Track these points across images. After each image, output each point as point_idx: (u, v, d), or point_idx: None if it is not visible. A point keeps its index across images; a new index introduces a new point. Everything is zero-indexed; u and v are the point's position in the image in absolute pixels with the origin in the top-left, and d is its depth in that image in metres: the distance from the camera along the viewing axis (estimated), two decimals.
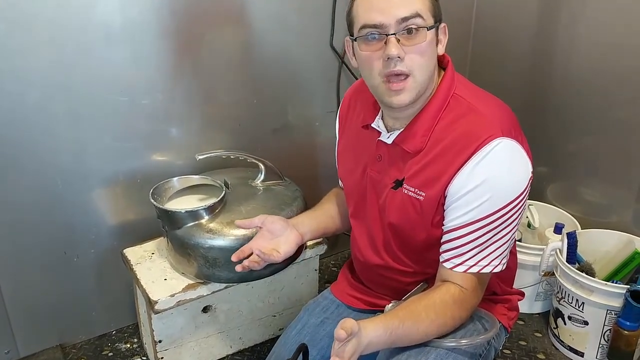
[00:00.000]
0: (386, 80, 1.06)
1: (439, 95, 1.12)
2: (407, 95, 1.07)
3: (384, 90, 1.08)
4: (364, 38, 1.06)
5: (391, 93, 1.07)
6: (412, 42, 1.04)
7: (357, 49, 1.10)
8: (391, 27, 1.03)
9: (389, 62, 1.04)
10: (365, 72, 1.11)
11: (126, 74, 1.58)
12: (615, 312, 1.61)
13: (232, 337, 1.72)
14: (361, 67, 1.12)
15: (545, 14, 1.95)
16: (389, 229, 1.22)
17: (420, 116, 1.13)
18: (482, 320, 1.22)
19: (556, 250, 1.75)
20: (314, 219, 1.40)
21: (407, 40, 1.04)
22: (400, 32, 1.03)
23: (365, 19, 1.05)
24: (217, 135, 1.77)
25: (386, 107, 1.15)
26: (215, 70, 1.73)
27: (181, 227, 1.49)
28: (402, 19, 1.03)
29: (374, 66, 1.07)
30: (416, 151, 1.13)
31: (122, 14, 1.52)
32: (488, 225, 1.08)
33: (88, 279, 1.73)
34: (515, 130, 1.10)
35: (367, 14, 1.05)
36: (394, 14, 1.03)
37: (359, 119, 1.27)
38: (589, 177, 1.96)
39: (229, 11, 1.69)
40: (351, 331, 0.96)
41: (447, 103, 1.11)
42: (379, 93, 1.11)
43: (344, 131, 1.35)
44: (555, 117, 2.00)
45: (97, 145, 1.61)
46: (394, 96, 1.07)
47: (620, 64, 1.75)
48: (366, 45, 1.07)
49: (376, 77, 1.08)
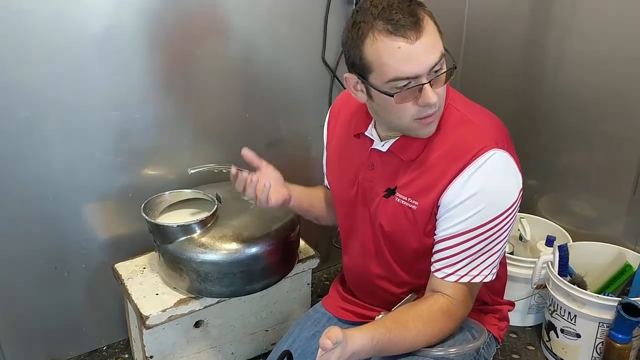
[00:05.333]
0: (419, 120, 1.06)
1: None
2: (434, 125, 1.10)
3: (415, 127, 1.08)
4: (394, 88, 1.02)
5: (423, 127, 1.08)
6: (440, 83, 1.04)
7: (380, 95, 1.05)
8: (424, 77, 1.01)
9: (425, 109, 1.04)
10: (393, 116, 1.09)
11: (118, 89, 1.58)
12: (607, 325, 1.62)
13: (224, 352, 1.71)
14: (387, 111, 1.09)
15: (536, 26, 1.97)
16: (381, 235, 1.22)
17: None
18: (471, 329, 1.23)
19: (548, 263, 1.76)
20: (304, 190, 1.41)
21: (436, 82, 1.03)
22: (431, 78, 1.02)
23: (397, 71, 1.00)
24: (209, 149, 1.77)
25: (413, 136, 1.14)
26: (207, 84, 1.73)
27: (173, 242, 1.49)
28: (433, 66, 1.01)
29: (407, 112, 1.05)
30: (411, 160, 1.14)
31: (113, 28, 1.52)
32: (480, 236, 1.09)
33: (79, 294, 1.72)
34: (507, 142, 1.12)
35: (400, 65, 0.99)
36: (427, 63, 1.00)
37: (349, 128, 1.27)
38: (580, 189, 1.97)
39: (221, 25, 1.70)
40: (336, 340, 0.96)
41: (442, 114, 1.12)
42: (407, 130, 1.11)
43: (331, 140, 1.36)
44: (546, 130, 2.01)
45: (89, 159, 1.61)
46: (426, 129, 1.09)
47: (610, 76, 1.77)
48: (399, 97, 1.02)
49: (407, 120, 1.07)
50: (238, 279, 1.50)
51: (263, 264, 1.51)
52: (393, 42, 0.98)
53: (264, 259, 1.51)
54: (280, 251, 1.54)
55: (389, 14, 0.98)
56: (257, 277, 1.53)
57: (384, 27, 0.98)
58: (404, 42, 0.98)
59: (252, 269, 1.50)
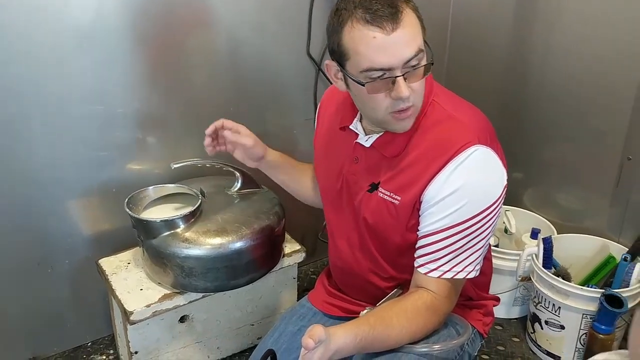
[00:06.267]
0: (394, 114, 1.06)
1: None
2: (410, 121, 1.09)
3: (390, 121, 1.08)
4: (367, 78, 1.03)
5: (398, 122, 1.08)
6: (416, 78, 1.03)
7: (355, 85, 1.05)
8: (398, 69, 1.00)
9: (399, 102, 1.04)
10: (367, 107, 1.09)
11: (101, 82, 1.57)
12: (590, 316, 1.63)
13: (210, 346, 1.70)
14: (362, 102, 1.10)
15: (521, 21, 1.97)
16: (365, 229, 1.22)
17: None
18: (455, 325, 1.23)
19: (532, 255, 1.77)
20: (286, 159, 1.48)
21: (412, 77, 1.03)
22: (405, 71, 1.01)
23: (371, 61, 1.00)
24: (193, 143, 1.74)
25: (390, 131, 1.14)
26: (191, 78, 1.72)
27: (157, 237, 1.48)
28: (409, 59, 1.00)
29: (381, 104, 1.05)
30: (394, 155, 1.14)
31: (96, 21, 1.51)
32: (463, 232, 1.09)
33: (62, 290, 1.71)
34: (491, 138, 1.11)
35: (374, 56, 0.99)
36: (402, 56, 0.99)
37: (336, 120, 1.27)
38: (565, 183, 1.98)
39: (206, 18, 1.68)
40: (318, 339, 0.96)
41: (426, 111, 1.12)
42: (383, 123, 1.11)
43: (320, 133, 1.36)
44: (531, 124, 2.02)
45: (72, 154, 1.59)
46: (401, 124, 1.09)
47: (594, 71, 1.78)
48: (371, 86, 1.03)
49: (382, 112, 1.07)
50: (222, 274, 1.49)
51: (247, 258, 1.51)
52: (369, 32, 0.98)
53: (249, 254, 1.50)
54: (265, 246, 1.54)
55: (369, 3, 0.98)
56: (241, 272, 1.52)
57: (362, 16, 0.98)
58: (379, 33, 0.98)
59: (236, 264, 1.49)
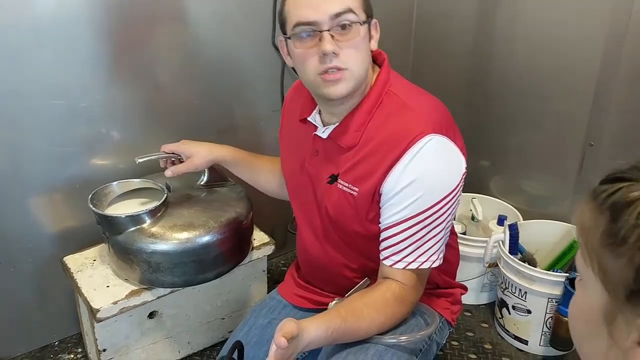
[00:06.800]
0: (322, 74, 1.07)
1: (373, 92, 1.13)
2: (344, 86, 1.08)
3: (320, 83, 1.09)
4: (297, 36, 1.07)
5: (328, 84, 1.08)
6: (346, 37, 1.06)
7: (292, 47, 1.10)
8: (325, 24, 1.04)
9: (325, 58, 1.05)
10: (301, 70, 1.12)
11: (61, 76, 1.53)
12: (556, 300, 1.66)
13: (180, 342, 1.69)
14: (297, 65, 1.13)
15: (485, 10, 1.99)
16: (328, 221, 1.23)
17: (354, 112, 1.14)
18: (424, 315, 1.24)
19: (499, 242, 1.79)
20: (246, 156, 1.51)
21: (341, 35, 1.05)
22: (334, 28, 1.04)
23: (298, 16, 1.05)
24: (158, 137, 1.72)
25: (324, 101, 1.15)
26: (155, 71, 1.69)
27: (122, 233, 1.46)
28: (335, 14, 1.04)
29: (310, 63, 1.07)
30: (349, 147, 1.14)
31: (54, 13, 1.47)
32: (423, 222, 1.10)
33: (26, 289, 1.67)
34: (447, 126, 1.12)
35: (300, 11, 1.05)
36: (326, 10, 1.03)
37: (297, 113, 1.27)
38: (530, 169, 2.02)
39: (167, 10, 1.66)
40: (291, 336, 0.96)
41: (381, 100, 1.13)
42: (315, 87, 1.11)
43: (284, 126, 1.37)
44: (496, 113, 2.04)
45: (33, 150, 1.56)
46: (331, 87, 1.08)
47: (554, 60, 1.81)
48: (300, 43, 1.07)
49: (312, 73, 1.08)
50: (190, 269, 1.48)
51: (215, 252, 1.50)
52: None
53: (216, 247, 1.49)
54: (232, 239, 1.53)
55: None
56: (209, 266, 1.51)
57: None
58: None
59: (204, 258, 1.48)
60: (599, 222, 0.59)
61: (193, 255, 1.46)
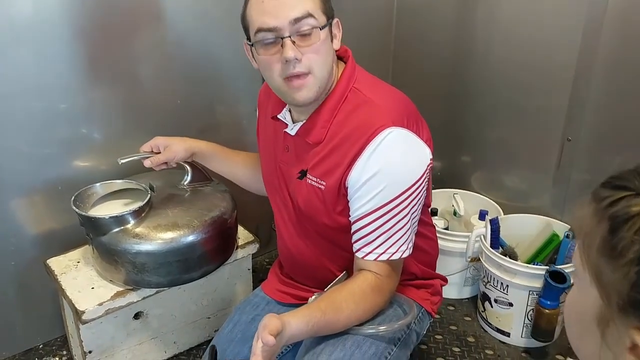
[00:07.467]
0: (287, 80, 1.10)
1: (338, 89, 1.16)
2: (309, 92, 1.11)
3: (286, 90, 1.12)
4: (260, 43, 1.09)
5: (293, 91, 1.11)
6: (307, 42, 1.08)
7: (256, 54, 1.13)
8: (285, 30, 1.06)
9: (288, 65, 1.08)
10: (266, 75, 1.15)
11: (40, 77, 1.52)
12: (537, 293, 1.69)
13: (166, 342, 1.69)
14: (262, 71, 1.16)
15: (464, 7, 2.01)
16: (300, 215, 1.25)
17: (320, 109, 1.17)
18: (402, 306, 1.27)
19: (481, 236, 1.82)
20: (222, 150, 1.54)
21: (302, 41, 1.08)
22: (294, 35, 1.07)
23: (259, 22, 1.08)
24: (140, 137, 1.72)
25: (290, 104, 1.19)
26: (135, 70, 1.69)
27: (106, 234, 1.45)
28: (295, 20, 1.06)
29: (274, 69, 1.10)
30: (316, 142, 1.18)
31: (32, 11, 1.45)
32: (388, 213, 1.12)
33: (9, 293, 1.66)
34: (409, 119, 1.14)
35: (260, 17, 1.07)
36: (286, 16, 1.06)
37: (269, 110, 1.30)
38: (510, 164, 2.05)
39: (146, 8, 1.65)
40: (277, 332, 0.98)
41: (346, 96, 1.16)
42: (282, 93, 1.15)
43: (260, 124, 1.39)
44: (476, 109, 2.07)
45: (13, 152, 1.54)
46: (297, 93, 1.11)
47: (534, 56, 1.83)
48: (264, 50, 1.10)
49: (277, 78, 1.11)
50: (175, 268, 1.48)
51: (200, 251, 1.50)
52: None
53: (201, 247, 1.49)
54: (217, 238, 1.53)
55: None
56: (194, 266, 1.51)
57: None
58: None
59: (188, 258, 1.48)
60: (598, 230, 0.58)
61: (178, 255, 1.46)
